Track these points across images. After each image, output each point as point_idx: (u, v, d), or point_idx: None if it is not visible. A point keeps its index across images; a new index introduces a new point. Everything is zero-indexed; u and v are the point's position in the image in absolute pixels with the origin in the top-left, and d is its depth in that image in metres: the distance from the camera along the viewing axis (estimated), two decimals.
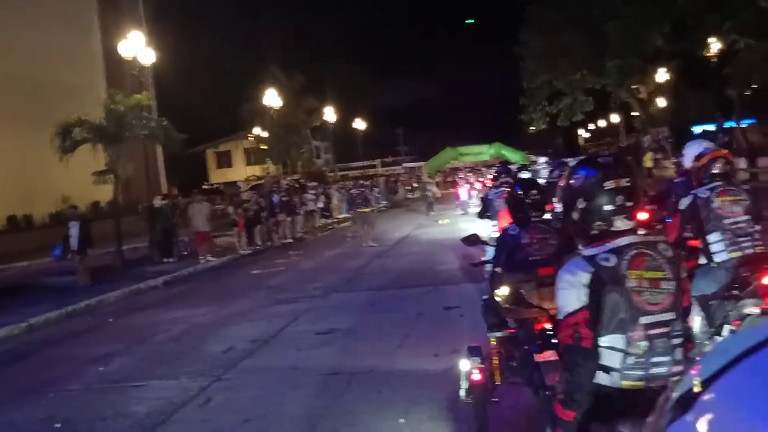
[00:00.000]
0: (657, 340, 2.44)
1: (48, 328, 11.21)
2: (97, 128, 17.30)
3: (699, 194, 5.17)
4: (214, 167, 61.58)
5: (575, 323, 2.44)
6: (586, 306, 2.43)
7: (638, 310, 2.43)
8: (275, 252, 19.84)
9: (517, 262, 4.89)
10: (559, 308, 2.53)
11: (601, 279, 2.43)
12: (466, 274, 11.30)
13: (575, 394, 2.43)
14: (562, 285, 2.51)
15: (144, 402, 6.58)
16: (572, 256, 2.56)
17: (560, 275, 2.53)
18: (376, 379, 6.47)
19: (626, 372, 2.43)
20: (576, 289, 2.45)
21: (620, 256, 2.47)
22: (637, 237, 2.55)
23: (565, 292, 2.49)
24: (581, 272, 2.46)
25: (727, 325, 4.93)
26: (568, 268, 2.51)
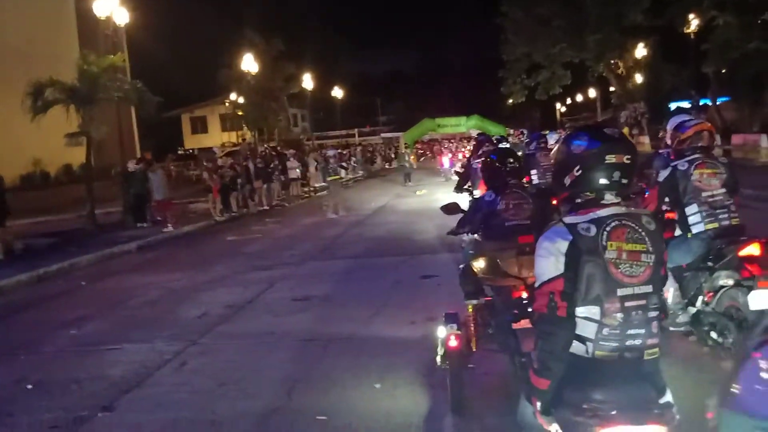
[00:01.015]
0: (633, 312, 2.43)
1: (19, 291, 11.06)
2: (69, 89, 16.93)
3: (678, 166, 5.21)
4: (188, 133, 60.74)
5: (551, 292, 2.43)
6: (562, 274, 2.42)
7: (615, 282, 2.42)
8: (251, 219, 19.72)
9: (494, 228, 4.90)
10: (536, 276, 2.52)
11: (579, 248, 2.40)
12: (443, 244, 11.34)
13: (549, 362, 2.43)
14: (541, 252, 2.49)
15: (118, 365, 6.53)
16: (554, 223, 2.54)
17: (540, 242, 2.51)
18: (352, 346, 6.50)
19: (601, 343, 2.42)
20: (554, 256, 2.43)
21: (601, 226, 2.45)
22: (621, 209, 2.53)
23: (542, 260, 2.47)
24: (560, 240, 2.44)
25: (701, 296, 5.01)
26: (548, 235, 2.49)
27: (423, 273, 9.60)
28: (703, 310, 5.00)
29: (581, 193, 2.55)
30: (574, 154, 2.55)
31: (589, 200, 2.54)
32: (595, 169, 2.50)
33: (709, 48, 29.28)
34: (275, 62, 38.50)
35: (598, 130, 2.61)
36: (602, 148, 2.51)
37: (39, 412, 5.42)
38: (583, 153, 2.53)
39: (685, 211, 5.13)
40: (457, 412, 4.61)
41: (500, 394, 4.80)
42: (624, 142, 2.56)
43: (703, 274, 5.05)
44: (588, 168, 2.51)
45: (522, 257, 4.42)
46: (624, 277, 2.42)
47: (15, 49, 25.99)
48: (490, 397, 4.87)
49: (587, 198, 2.54)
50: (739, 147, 24.50)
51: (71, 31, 30.27)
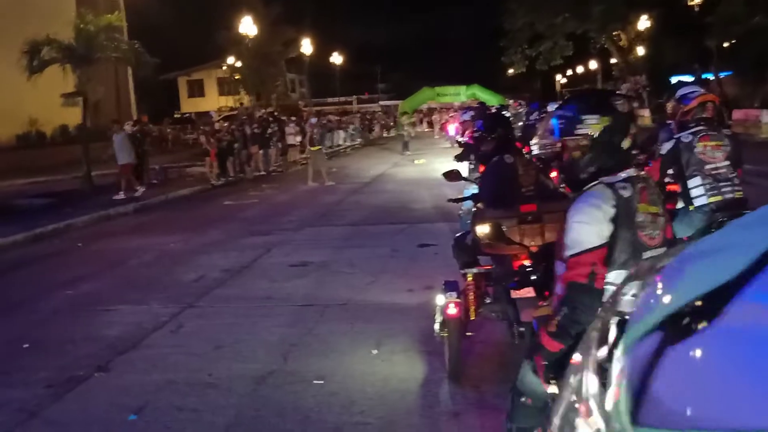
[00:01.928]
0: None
1: (16, 250, 11.01)
2: (66, 48, 16.69)
3: (681, 138, 5.16)
4: (185, 96, 60.21)
5: (592, 262, 2.35)
6: (606, 243, 2.36)
7: (642, 245, 2.40)
8: (248, 184, 19.62)
9: (507, 193, 4.81)
10: (572, 242, 2.42)
11: (619, 211, 2.37)
12: (441, 213, 11.30)
13: (572, 329, 2.38)
14: (583, 218, 2.39)
15: (114, 326, 6.52)
16: (592, 186, 2.47)
17: (580, 208, 2.42)
18: (349, 312, 6.49)
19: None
20: (599, 224, 2.36)
21: (635, 187, 2.42)
22: (635, 171, 2.51)
23: (585, 227, 2.38)
24: (606, 205, 2.37)
25: None
26: (592, 202, 2.40)
27: (420, 242, 9.57)
28: None
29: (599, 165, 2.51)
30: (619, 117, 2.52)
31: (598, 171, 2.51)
32: (617, 140, 2.49)
33: (713, 22, 28.96)
34: (274, 26, 38.00)
35: (612, 103, 2.57)
36: (623, 119, 2.49)
37: (34, 370, 5.42)
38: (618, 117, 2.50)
39: (688, 184, 5.09)
40: (454, 379, 4.62)
41: (497, 362, 4.81)
42: (634, 115, 2.59)
43: None
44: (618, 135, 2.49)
45: (524, 226, 4.38)
46: (647, 240, 2.40)
47: (10, 5, 25.60)
48: (487, 365, 4.88)
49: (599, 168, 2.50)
50: (740, 122, 24.34)
51: None
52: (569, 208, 2.49)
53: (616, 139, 2.50)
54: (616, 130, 2.49)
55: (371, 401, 4.48)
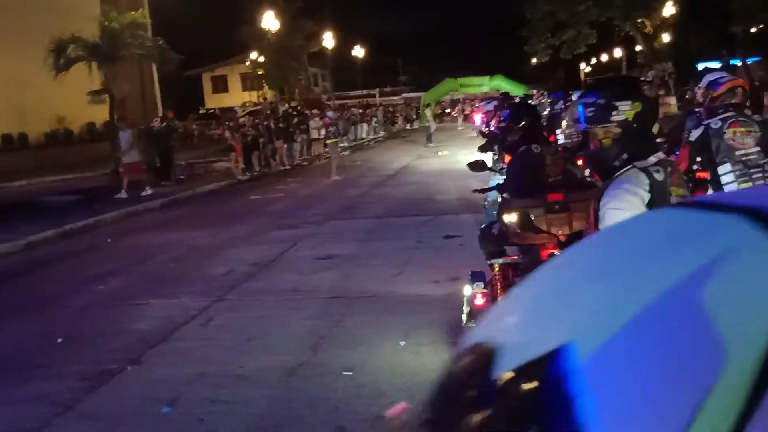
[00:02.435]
0: None
1: (47, 247, 11.21)
2: (91, 46, 16.94)
3: (711, 125, 5.08)
4: (209, 92, 60.58)
5: None
6: None
7: None
8: (273, 178, 19.74)
9: (532, 183, 4.78)
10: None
11: (654, 196, 2.36)
12: (465, 205, 11.28)
13: None
14: (618, 204, 2.37)
15: (145, 320, 6.62)
16: (625, 171, 2.46)
17: (615, 194, 2.40)
18: (376, 304, 6.52)
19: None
20: (635, 209, 2.34)
21: (666, 170, 2.40)
22: (663, 154, 2.50)
23: (620, 213, 2.34)
24: (641, 190, 2.35)
25: None
26: (626, 187, 2.38)
27: (445, 233, 9.56)
28: None
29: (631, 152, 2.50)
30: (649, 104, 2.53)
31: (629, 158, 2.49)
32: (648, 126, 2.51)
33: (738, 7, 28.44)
34: (295, 20, 38.08)
35: (641, 90, 2.59)
36: (652, 106, 2.51)
37: (68, 364, 5.53)
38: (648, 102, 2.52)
39: (718, 171, 5.01)
40: None
41: None
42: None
43: None
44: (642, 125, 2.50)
45: (551, 215, 4.36)
46: None
47: (35, 4, 25.95)
48: None
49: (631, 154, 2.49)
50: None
51: None
52: (601, 195, 2.48)
53: (648, 123, 2.49)
54: (647, 114, 2.49)
55: (400, 392, 4.50)
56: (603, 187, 2.50)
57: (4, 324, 6.89)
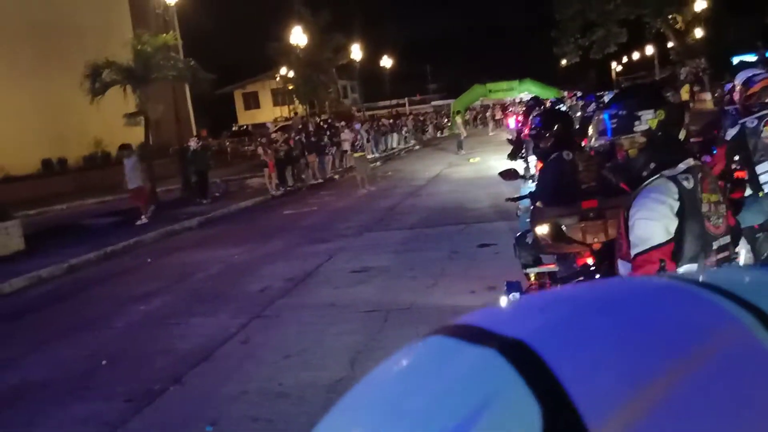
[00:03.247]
0: (724, 263, 2.39)
1: (88, 269, 11.46)
2: (125, 70, 17.31)
3: (747, 123, 5.00)
4: (241, 109, 61.43)
5: (661, 258, 2.31)
6: (672, 238, 2.32)
7: (711, 235, 2.36)
8: (306, 192, 19.89)
9: (565, 191, 4.74)
10: (638, 240, 2.38)
11: (684, 204, 2.33)
12: (499, 212, 11.21)
13: None
14: (648, 214, 2.36)
15: (186, 339, 6.72)
16: (653, 180, 2.44)
17: (644, 203, 2.39)
18: (413, 316, 6.52)
19: None
20: (665, 219, 2.33)
21: (696, 177, 2.38)
22: (693, 161, 2.47)
23: (651, 223, 2.34)
24: (670, 199, 2.33)
25: None
26: (654, 197, 2.36)
27: (480, 242, 9.52)
28: None
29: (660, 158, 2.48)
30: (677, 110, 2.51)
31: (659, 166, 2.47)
32: (675, 131, 2.49)
33: None
34: (323, 34, 38.45)
35: (663, 96, 2.56)
36: (682, 111, 2.49)
37: (113, 385, 5.64)
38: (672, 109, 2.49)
39: (756, 170, 4.92)
40: None
41: None
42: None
43: None
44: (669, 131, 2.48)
45: (586, 223, 4.31)
46: (715, 229, 2.37)
47: (70, 29, 26.68)
48: None
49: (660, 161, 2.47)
50: None
51: (124, 11, 30.84)
52: (630, 205, 2.46)
53: (673, 131, 2.46)
54: (672, 122, 2.46)
55: None
56: (632, 196, 2.48)
57: (50, 347, 7.06)
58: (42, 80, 25.95)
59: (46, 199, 20.91)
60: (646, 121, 2.45)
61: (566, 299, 0.61)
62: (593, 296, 0.60)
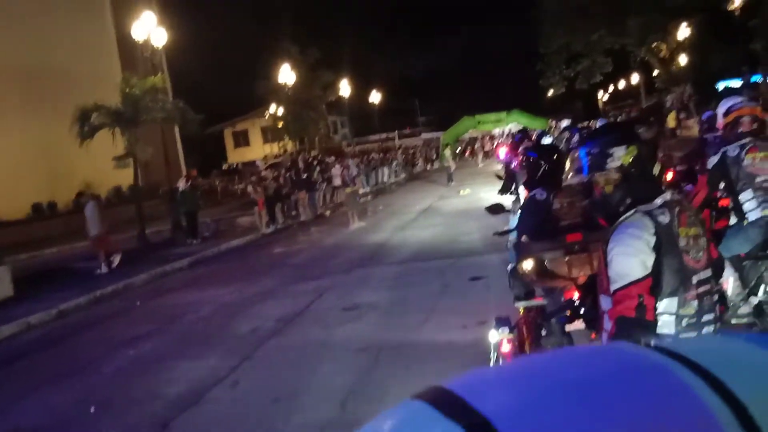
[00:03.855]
0: (705, 298, 2.39)
1: (78, 313, 11.34)
2: (114, 113, 17.37)
3: (728, 152, 5.03)
4: (231, 147, 61.60)
5: (639, 293, 2.32)
6: (650, 273, 2.33)
7: (690, 269, 2.36)
8: (297, 229, 19.87)
9: (543, 229, 4.79)
10: (616, 276, 2.39)
11: (661, 239, 2.34)
12: (490, 245, 11.17)
13: None
14: (624, 250, 2.36)
15: (176, 383, 6.63)
16: (628, 216, 2.45)
17: (620, 239, 2.40)
18: (404, 354, 6.46)
19: (681, 336, 2.36)
20: (642, 254, 2.33)
21: (672, 212, 2.39)
22: (670, 195, 2.48)
23: (628, 258, 2.35)
24: (646, 234, 2.34)
25: (762, 286, 4.82)
26: (630, 232, 2.37)
27: (471, 275, 9.50)
28: (766, 301, 4.80)
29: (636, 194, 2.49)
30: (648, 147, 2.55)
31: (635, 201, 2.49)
32: (648, 166, 2.52)
33: (756, 24, 28.38)
34: (312, 71, 38.85)
35: (634, 132, 2.61)
36: (651, 149, 2.53)
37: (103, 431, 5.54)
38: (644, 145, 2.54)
39: (739, 198, 4.94)
40: None
41: None
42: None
43: (763, 263, 4.84)
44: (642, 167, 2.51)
45: (571, 257, 4.31)
46: (694, 263, 2.37)
47: (59, 73, 26.82)
48: None
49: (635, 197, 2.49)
50: None
51: (112, 54, 31.10)
52: (608, 241, 2.46)
53: (647, 167, 2.49)
54: (644, 158, 2.48)
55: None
56: (609, 232, 2.48)
57: (40, 393, 6.98)
58: (32, 124, 26.01)
59: (37, 243, 20.78)
60: (619, 158, 2.48)
61: (540, 375, 0.67)
62: (564, 376, 0.65)
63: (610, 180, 2.51)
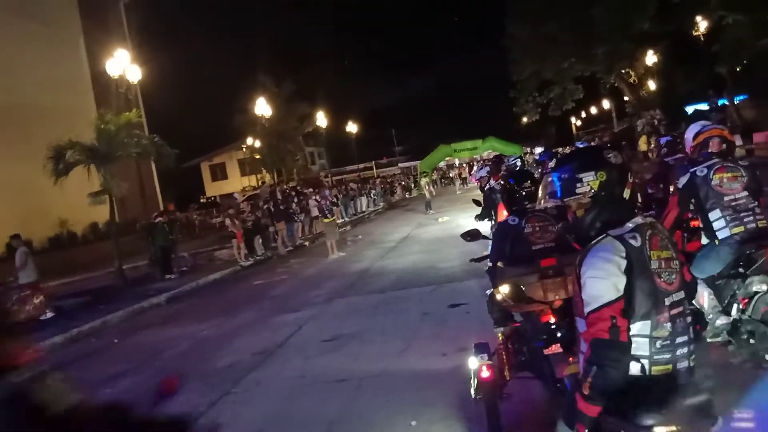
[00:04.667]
0: (678, 320, 2.42)
1: (54, 354, 11.09)
2: (89, 149, 17.23)
3: (696, 172, 5.15)
4: (209, 180, 61.45)
5: (612, 315, 2.35)
6: (622, 295, 2.36)
7: (662, 292, 2.40)
8: (276, 261, 19.78)
9: (518, 253, 4.84)
10: (589, 298, 2.43)
11: (632, 262, 2.38)
12: (469, 271, 11.22)
13: (605, 388, 2.36)
14: (596, 273, 2.40)
15: (155, 423, 6.50)
16: (599, 240, 2.49)
17: (592, 263, 2.43)
18: (385, 383, 6.43)
19: (655, 357, 2.40)
20: (614, 276, 2.37)
21: (643, 235, 2.43)
22: (642, 219, 2.53)
23: (599, 282, 2.39)
24: (617, 257, 2.39)
25: (736, 304, 4.89)
26: (602, 255, 2.41)
27: (450, 302, 9.51)
28: (740, 318, 4.87)
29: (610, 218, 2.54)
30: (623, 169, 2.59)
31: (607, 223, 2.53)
32: (623, 191, 2.57)
33: (720, 48, 29.09)
34: (288, 103, 39.00)
35: (605, 157, 2.64)
36: (623, 172, 2.57)
37: None
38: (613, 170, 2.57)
39: (709, 217, 5.04)
40: None
41: (538, 421, 4.69)
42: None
43: (735, 281, 4.93)
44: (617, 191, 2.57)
45: (546, 281, 4.34)
46: (666, 285, 2.41)
47: (33, 110, 26.61)
48: (527, 426, 4.76)
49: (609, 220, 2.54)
50: (763, 145, 24.10)
51: (87, 91, 30.97)
52: (580, 264, 2.50)
53: (616, 191, 2.54)
54: (613, 182, 2.54)
55: None
56: (581, 255, 2.52)
57: None
58: (5, 161, 25.71)
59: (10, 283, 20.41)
60: (587, 183, 2.53)
61: None
62: None
63: (582, 204, 2.57)
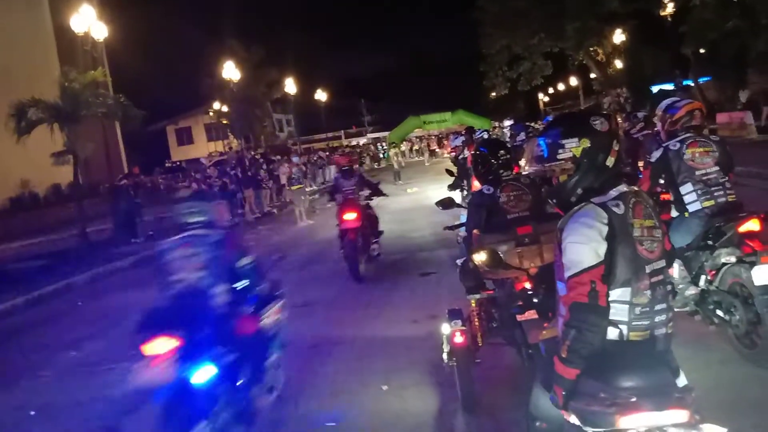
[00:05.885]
0: (658, 288, 2.46)
1: (17, 315, 10.94)
2: (52, 107, 16.77)
3: (670, 146, 5.22)
4: (174, 144, 60.53)
5: (591, 280, 2.38)
6: (602, 261, 2.39)
7: (643, 259, 2.43)
8: (244, 227, 19.60)
9: (494, 222, 4.88)
10: (569, 263, 2.45)
11: (614, 229, 2.41)
12: (439, 240, 11.31)
13: (582, 351, 2.40)
14: (577, 239, 2.43)
15: (119, 385, 6.42)
16: (582, 206, 2.51)
17: (573, 228, 2.46)
18: (356, 349, 6.47)
19: (634, 323, 2.44)
20: (594, 242, 2.40)
21: (627, 203, 2.46)
22: (626, 187, 2.54)
23: (580, 246, 2.42)
24: (598, 224, 2.41)
25: (703, 275, 5.01)
26: (582, 221, 2.44)
27: (421, 270, 9.57)
28: (707, 289, 4.99)
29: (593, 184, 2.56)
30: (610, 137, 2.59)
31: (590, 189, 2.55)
32: (606, 159, 2.58)
33: (686, 29, 29.37)
34: (257, 69, 38.47)
35: (592, 126, 2.62)
36: (611, 138, 2.58)
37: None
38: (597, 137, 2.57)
39: (680, 191, 5.13)
40: (467, 408, 4.58)
41: (510, 387, 4.78)
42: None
43: (704, 253, 5.04)
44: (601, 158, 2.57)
45: (522, 248, 4.39)
46: (648, 253, 2.44)
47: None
48: (500, 392, 4.84)
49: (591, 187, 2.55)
50: (725, 125, 24.54)
51: (50, 48, 30.11)
52: (562, 229, 2.52)
53: (599, 158, 2.55)
54: (597, 150, 2.55)
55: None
56: (563, 220, 2.55)
57: None
58: None
59: None
60: (570, 149, 2.54)
61: None
62: None
63: (565, 170, 2.58)
